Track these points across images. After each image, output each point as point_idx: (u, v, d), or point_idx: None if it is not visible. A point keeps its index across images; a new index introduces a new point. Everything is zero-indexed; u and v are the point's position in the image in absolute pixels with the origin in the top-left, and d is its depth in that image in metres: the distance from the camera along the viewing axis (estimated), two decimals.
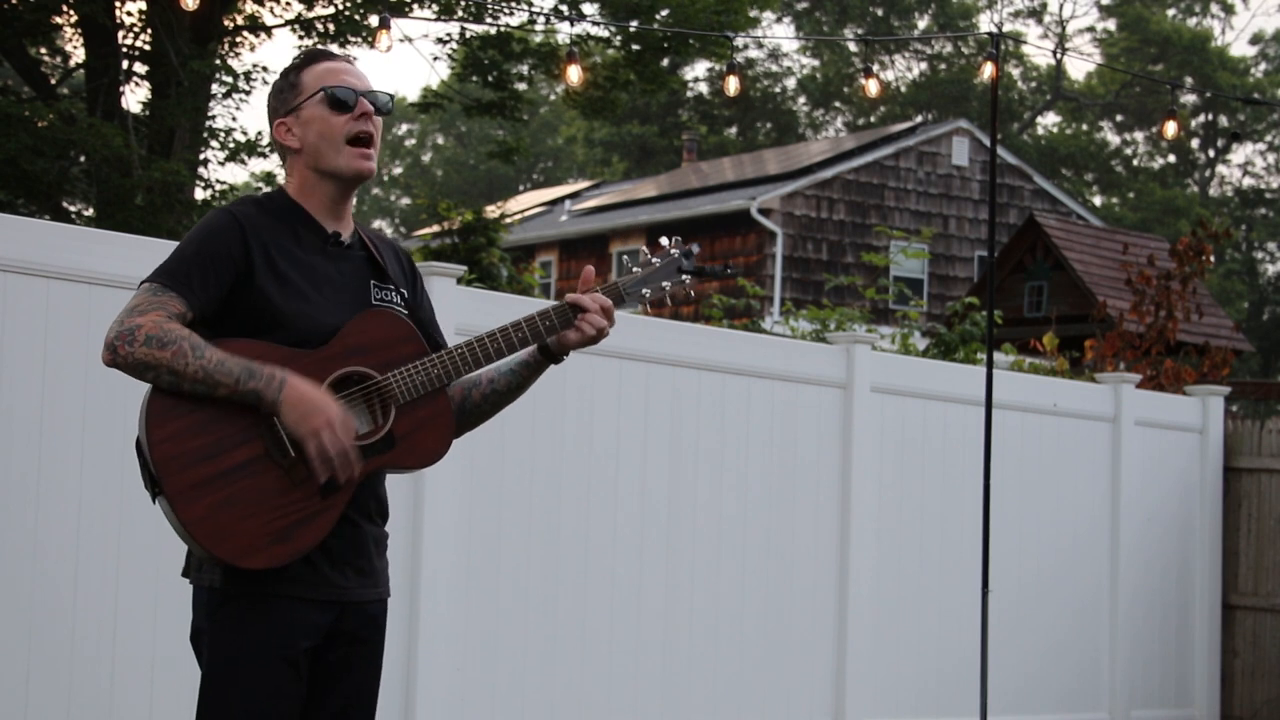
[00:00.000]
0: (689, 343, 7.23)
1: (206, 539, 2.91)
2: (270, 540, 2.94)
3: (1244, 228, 42.61)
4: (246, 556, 2.93)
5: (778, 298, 24.61)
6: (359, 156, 3.16)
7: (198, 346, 2.93)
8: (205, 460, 2.93)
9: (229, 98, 16.28)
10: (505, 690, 6.44)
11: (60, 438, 5.21)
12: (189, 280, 3.01)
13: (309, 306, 3.06)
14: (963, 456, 8.14)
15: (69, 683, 5.20)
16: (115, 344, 2.94)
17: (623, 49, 17.69)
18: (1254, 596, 9.63)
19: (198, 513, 2.91)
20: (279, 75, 3.25)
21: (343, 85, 3.16)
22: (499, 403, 3.29)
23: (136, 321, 2.95)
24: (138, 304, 2.99)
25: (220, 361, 2.93)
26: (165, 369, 2.92)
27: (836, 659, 7.60)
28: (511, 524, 6.50)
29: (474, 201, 34.01)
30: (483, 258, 14.09)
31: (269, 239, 3.08)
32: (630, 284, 3.26)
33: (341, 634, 3.11)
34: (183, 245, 3.08)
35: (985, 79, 9.17)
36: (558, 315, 3.18)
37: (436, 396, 3.11)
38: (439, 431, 3.12)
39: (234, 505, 2.93)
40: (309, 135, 3.16)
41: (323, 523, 3.00)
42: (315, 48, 3.40)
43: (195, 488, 2.92)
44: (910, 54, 44.81)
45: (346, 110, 3.15)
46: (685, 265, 3.31)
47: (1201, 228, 12.55)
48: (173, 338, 2.92)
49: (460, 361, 3.11)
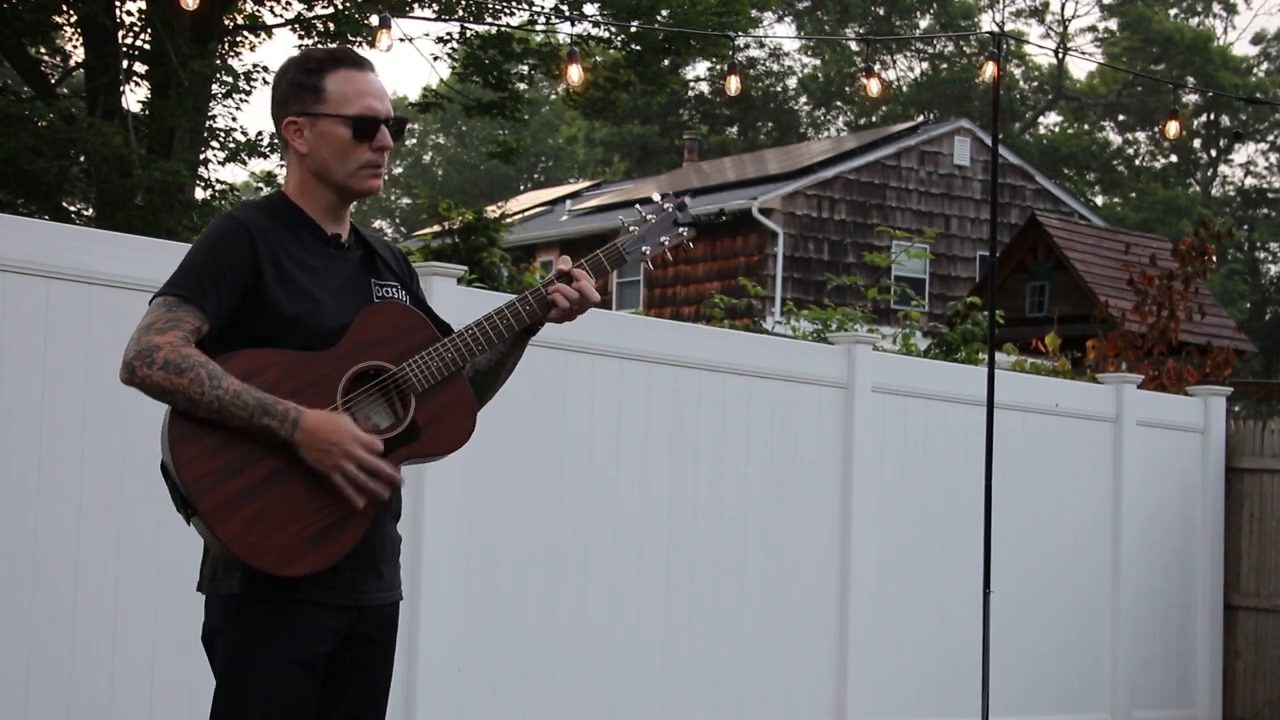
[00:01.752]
0: (690, 343, 7.22)
1: (246, 553, 2.91)
2: (305, 547, 2.95)
3: (1246, 228, 42.60)
4: (286, 565, 2.94)
5: (779, 298, 24.60)
6: (371, 177, 3.14)
7: (215, 375, 2.91)
8: (233, 476, 2.92)
9: (229, 98, 16.29)
10: (505, 690, 6.43)
11: (60, 438, 5.20)
12: (204, 292, 2.98)
13: (316, 309, 3.05)
14: (964, 457, 8.12)
15: (69, 683, 5.19)
16: (134, 364, 2.92)
17: (623, 49, 17.68)
18: (1256, 597, 9.62)
19: (234, 529, 2.91)
20: (296, 65, 3.16)
21: (369, 113, 3.11)
22: (484, 383, 3.26)
23: (155, 341, 2.92)
24: (154, 321, 2.96)
25: (236, 394, 2.91)
26: (182, 395, 2.91)
27: (837, 658, 7.59)
28: (512, 524, 6.49)
29: (474, 201, 33.99)
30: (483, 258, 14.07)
31: (275, 243, 3.06)
32: (629, 243, 3.23)
33: (357, 636, 3.11)
34: (192, 255, 3.04)
35: (987, 78, 9.16)
36: (561, 282, 3.17)
37: (454, 380, 3.10)
38: (462, 413, 3.11)
39: (267, 517, 2.93)
40: (322, 149, 3.11)
41: (357, 524, 3.00)
42: (342, 47, 3.35)
43: (227, 504, 2.91)
44: (912, 53, 44.81)
45: (368, 140, 3.11)
46: (680, 218, 3.27)
47: (1204, 228, 12.54)
48: (190, 364, 2.90)
49: (473, 341, 3.09)
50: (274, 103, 3.18)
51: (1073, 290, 19.24)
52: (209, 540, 2.96)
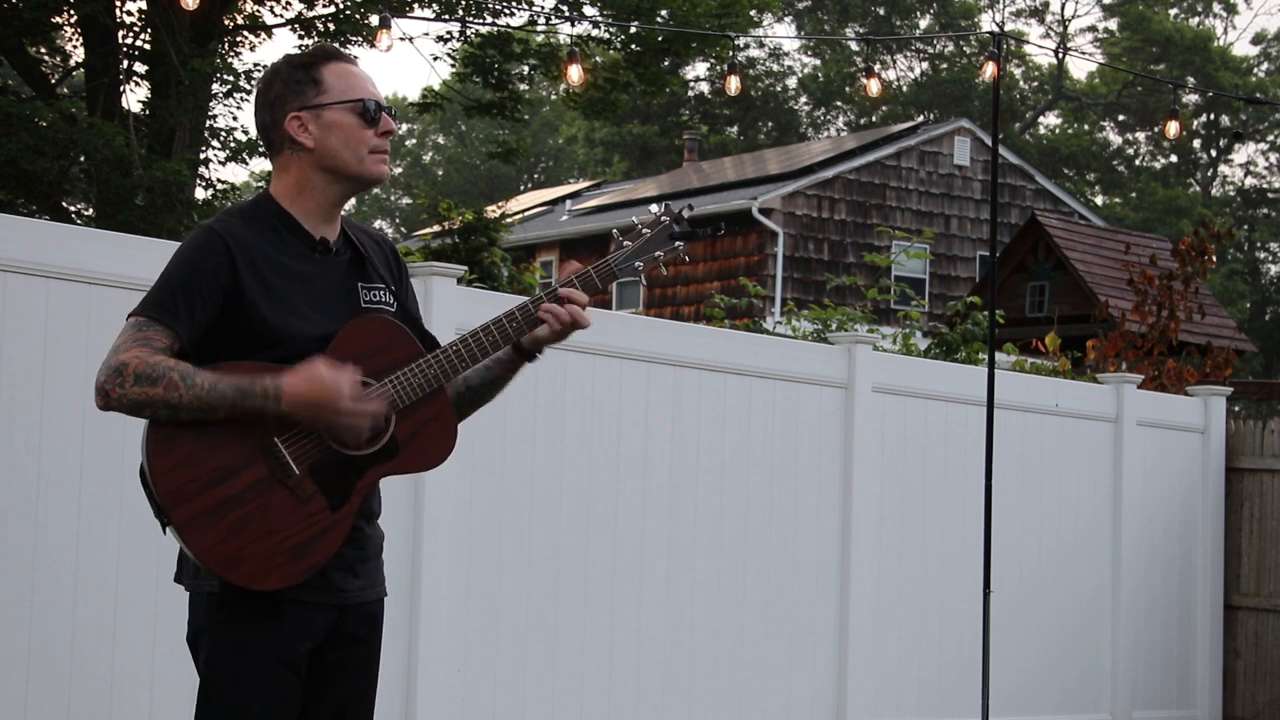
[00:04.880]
0: (690, 343, 7.22)
1: (219, 565, 2.92)
2: (285, 559, 2.94)
3: (1246, 228, 42.60)
4: (260, 579, 2.94)
5: (779, 298, 24.60)
6: (380, 162, 3.15)
7: (187, 375, 2.90)
8: (212, 487, 2.92)
9: (229, 97, 16.29)
10: (506, 690, 6.43)
11: (60, 438, 5.20)
12: (175, 310, 2.96)
13: (299, 319, 3.03)
14: (964, 457, 8.12)
15: (69, 683, 5.19)
16: (106, 388, 2.90)
17: (623, 50, 17.68)
18: (1256, 597, 9.62)
19: (209, 540, 2.91)
20: (287, 65, 3.16)
21: (371, 98, 3.14)
22: (474, 399, 3.26)
23: (122, 359, 2.91)
24: (122, 342, 2.95)
25: (213, 385, 2.90)
26: (160, 403, 2.89)
27: (838, 658, 7.59)
28: (512, 524, 6.49)
29: (474, 201, 33.98)
30: (483, 258, 14.06)
31: (255, 253, 3.03)
32: (621, 260, 3.19)
33: (341, 634, 3.11)
34: (167, 270, 3.02)
35: (987, 78, 9.16)
36: (550, 299, 3.15)
37: (436, 397, 3.09)
38: (442, 432, 3.11)
39: (245, 528, 2.93)
40: (330, 139, 3.10)
41: (334, 537, 3.00)
42: (326, 44, 3.38)
43: (204, 514, 2.92)
44: (912, 53, 44.81)
45: (375, 124, 3.13)
46: (676, 230, 3.24)
47: (1204, 228, 12.54)
48: (160, 371, 2.89)
49: (456, 358, 3.08)
50: (268, 106, 3.14)
51: (1073, 290, 19.23)
52: (184, 550, 2.98)
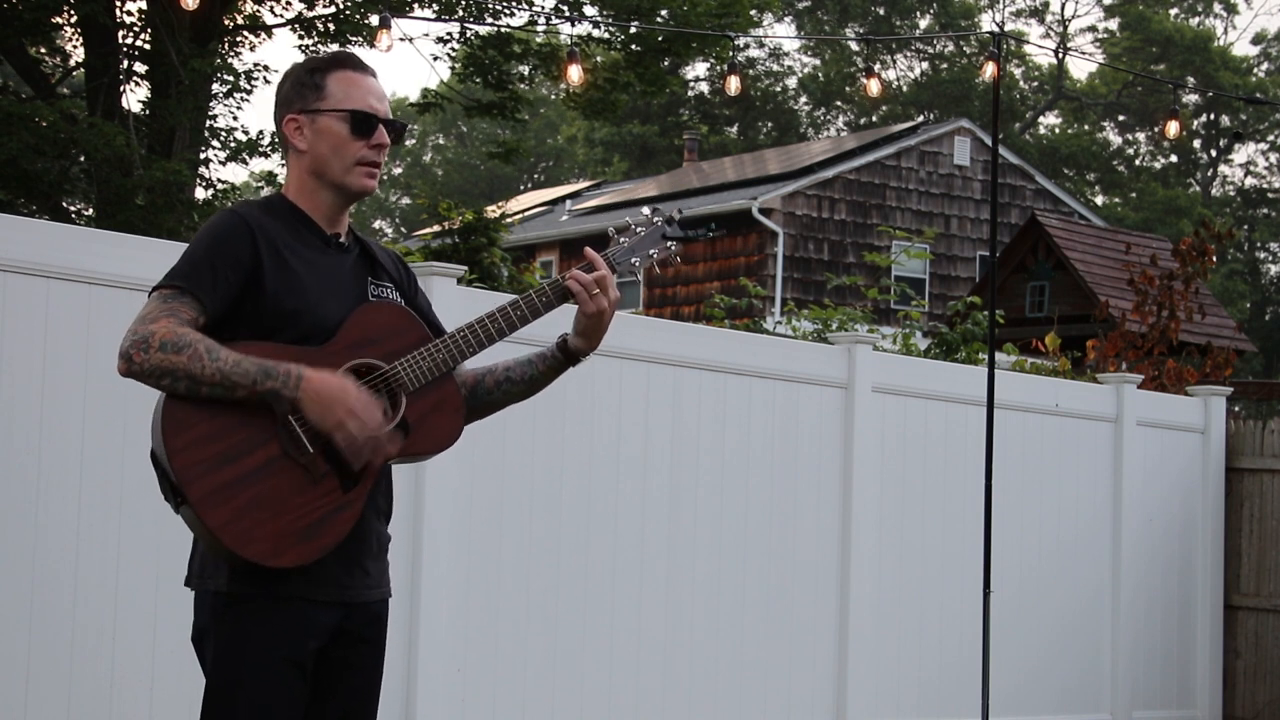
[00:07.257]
0: (690, 343, 7.23)
1: (234, 543, 2.92)
2: (297, 539, 2.96)
3: (1246, 228, 42.60)
4: (275, 556, 2.94)
5: (779, 298, 24.60)
6: (365, 175, 3.17)
7: (213, 349, 2.93)
8: (224, 465, 2.93)
9: (230, 97, 16.30)
10: (506, 690, 6.43)
11: (60, 438, 5.20)
12: (200, 283, 3.00)
13: (314, 304, 3.07)
14: (964, 457, 8.13)
15: (69, 683, 5.19)
16: (130, 352, 2.93)
17: (623, 50, 17.69)
18: (1256, 597, 9.62)
19: (223, 517, 2.92)
20: (301, 67, 3.22)
21: (368, 110, 3.15)
22: (512, 392, 3.29)
23: (150, 329, 2.94)
24: (149, 312, 2.98)
25: (237, 362, 2.93)
26: (182, 373, 2.91)
27: (838, 658, 7.59)
28: (512, 523, 6.49)
29: (474, 201, 34.00)
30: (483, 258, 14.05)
31: (274, 238, 3.09)
32: (618, 254, 3.26)
33: (347, 633, 3.12)
34: (192, 247, 3.07)
35: (987, 78, 9.16)
36: (553, 290, 3.18)
37: (444, 381, 3.12)
38: (450, 414, 3.14)
39: (258, 507, 2.93)
40: (320, 145, 3.15)
41: (346, 518, 3.01)
42: (345, 51, 3.41)
43: (217, 493, 2.92)
44: (912, 53, 44.81)
45: (365, 136, 3.15)
46: (669, 231, 3.31)
47: (1204, 228, 12.54)
48: (187, 341, 2.92)
49: (464, 343, 3.12)
50: (277, 104, 3.22)
51: (1073, 290, 19.23)
52: (197, 530, 2.96)
